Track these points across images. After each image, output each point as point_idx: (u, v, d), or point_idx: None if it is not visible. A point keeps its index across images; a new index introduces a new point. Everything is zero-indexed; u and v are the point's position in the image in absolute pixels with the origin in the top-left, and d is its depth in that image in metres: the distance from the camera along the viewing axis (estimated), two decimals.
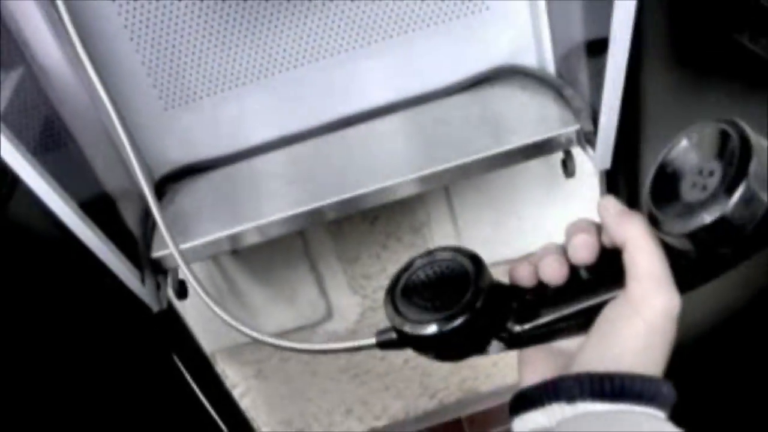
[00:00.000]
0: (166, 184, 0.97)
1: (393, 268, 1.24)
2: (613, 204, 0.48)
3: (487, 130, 0.92)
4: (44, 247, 0.81)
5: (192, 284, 0.72)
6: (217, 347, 1.28)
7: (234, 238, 0.88)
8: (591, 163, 0.94)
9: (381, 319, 1.41)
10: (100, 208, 0.91)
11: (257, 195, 0.93)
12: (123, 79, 0.89)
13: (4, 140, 0.67)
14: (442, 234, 1.22)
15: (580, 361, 0.45)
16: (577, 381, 0.42)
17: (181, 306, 1.19)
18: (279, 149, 0.99)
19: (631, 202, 1.15)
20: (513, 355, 0.52)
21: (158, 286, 0.86)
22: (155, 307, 0.83)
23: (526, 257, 0.51)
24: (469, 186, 1.17)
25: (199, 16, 0.87)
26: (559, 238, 1.34)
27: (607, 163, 0.92)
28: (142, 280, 0.84)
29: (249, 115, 0.97)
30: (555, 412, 0.43)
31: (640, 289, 0.44)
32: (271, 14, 0.89)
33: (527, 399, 0.45)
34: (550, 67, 0.99)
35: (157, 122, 0.94)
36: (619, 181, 1.16)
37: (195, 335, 1.24)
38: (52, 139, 0.87)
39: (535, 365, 0.50)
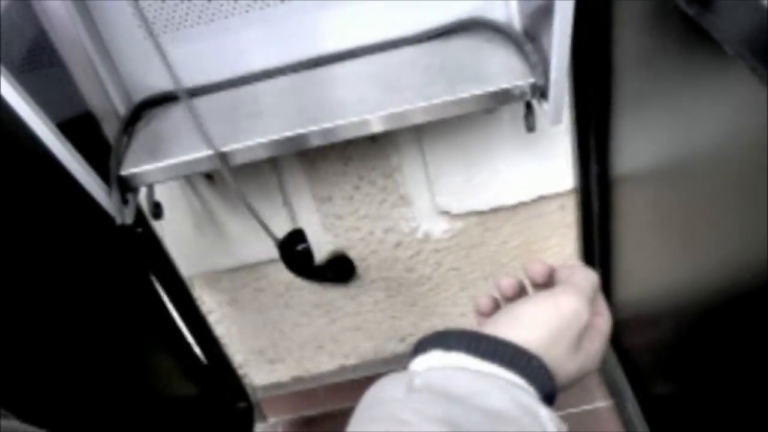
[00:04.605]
0: (144, 109, 1.07)
1: (366, 210, 1.34)
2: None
3: (444, 78, 1.00)
4: (21, 157, 0.92)
5: None
6: (194, 272, 1.39)
7: (207, 160, 0.98)
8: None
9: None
10: (82, 126, 1.02)
11: (233, 122, 1.02)
12: (107, 7, 0.99)
13: None
14: (414, 181, 1.31)
15: (488, 324, 0.54)
16: (457, 335, 0.50)
17: (160, 230, 1.30)
18: (253, 83, 1.08)
19: (600, 156, 1.23)
20: None
21: (126, 202, 0.97)
22: (119, 219, 0.94)
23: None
24: (442, 137, 1.25)
25: None
26: (528, 194, 1.42)
27: (560, 119, 0.99)
28: (110, 195, 0.94)
29: (226, 47, 1.06)
30: (433, 359, 0.49)
31: (563, 288, 0.54)
32: None
33: (419, 344, 0.52)
34: (516, 22, 1.07)
35: (138, 49, 1.03)
36: (590, 136, 1.24)
37: (173, 260, 1.36)
38: (41, 59, 0.97)
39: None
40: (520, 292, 0.60)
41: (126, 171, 0.97)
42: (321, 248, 1.39)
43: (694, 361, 1.04)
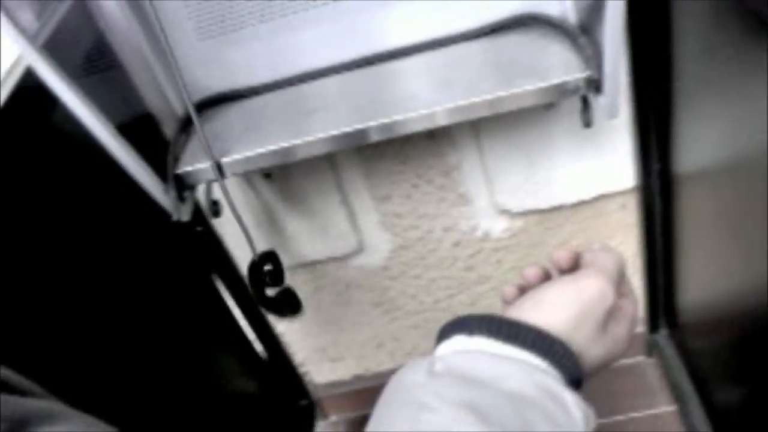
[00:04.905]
0: (202, 109, 1.09)
1: (424, 209, 1.34)
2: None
3: (499, 73, 0.99)
4: (82, 156, 0.96)
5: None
6: None
7: (265, 156, 0.99)
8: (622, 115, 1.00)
9: (413, 257, 1.52)
10: (142, 127, 1.05)
11: (292, 119, 1.04)
12: (162, 11, 1.01)
13: (44, 65, 0.81)
14: (473, 179, 1.31)
15: (511, 309, 0.53)
16: (478, 319, 0.49)
17: (220, 229, 1.33)
18: (312, 81, 1.10)
19: (662, 153, 1.20)
20: None
21: (183, 200, 0.99)
22: (175, 216, 0.96)
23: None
24: (500, 134, 1.24)
25: None
26: (589, 192, 1.40)
27: (615, 113, 0.97)
28: (166, 192, 0.97)
29: (285, 46, 1.08)
30: (456, 344, 0.49)
31: (587, 270, 0.53)
32: None
33: (442, 331, 0.52)
34: (571, 16, 1.05)
35: (194, 51, 1.06)
36: (651, 132, 1.21)
37: (234, 258, 1.38)
38: (101, 63, 1.01)
39: None
40: (545, 280, 0.58)
41: (182, 169, 1.00)
42: (380, 247, 1.40)
43: (761, 365, 1.00)
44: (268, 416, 1.50)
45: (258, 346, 1.50)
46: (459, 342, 0.49)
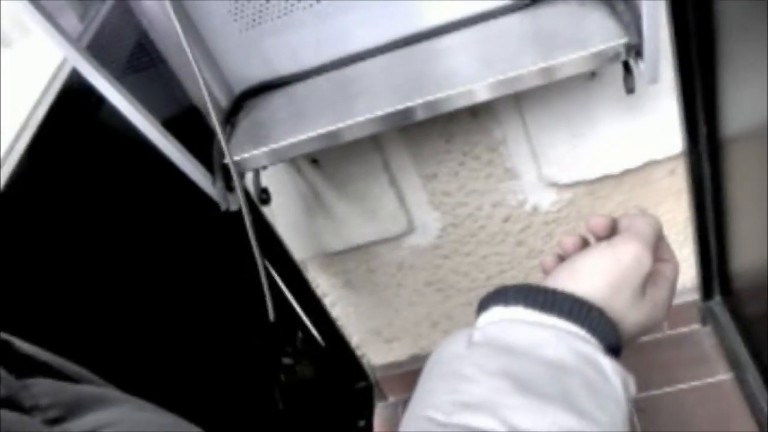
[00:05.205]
0: (245, 99, 1.11)
1: (472, 186, 1.34)
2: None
3: (539, 45, 0.99)
4: (130, 152, 0.98)
5: None
6: (307, 256, 1.43)
7: (311, 141, 1.00)
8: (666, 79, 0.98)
9: (463, 234, 1.52)
10: (187, 120, 1.07)
11: (338, 102, 1.05)
12: (202, 5, 1.03)
13: (88, 66, 0.83)
14: (519, 153, 1.30)
15: (549, 278, 0.53)
16: (514, 289, 0.49)
17: (270, 216, 1.35)
18: (350, 65, 1.10)
19: (709, 116, 1.18)
20: None
21: (231, 189, 1.01)
22: (223, 205, 0.98)
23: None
24: (543, 107, 1.23)
25: None
26: (636, 160, 1.38)
27: (656, 78, 0.96)
28: (214, 183, 0.99)
29: (327, 31, 1.08)
30: (493, 315, 0.50)
31: (622, 236, 0.53)
32: None
33: (481, 303, 0.52)
34: None
35: (235, 43, 1.07)
36: (696, 95, 1.19)
37: (285, 244, 1.40)
38: (145, 59, 1.03)
39: None
40: (584, 248, 0.57)
41: (226, 159, 1.01)
42: (430, 226, 1.40)
43: None
44: (327, 399, 1.52)
45: (314, 331, 1.52)
46: (496, 313, 0.49)
